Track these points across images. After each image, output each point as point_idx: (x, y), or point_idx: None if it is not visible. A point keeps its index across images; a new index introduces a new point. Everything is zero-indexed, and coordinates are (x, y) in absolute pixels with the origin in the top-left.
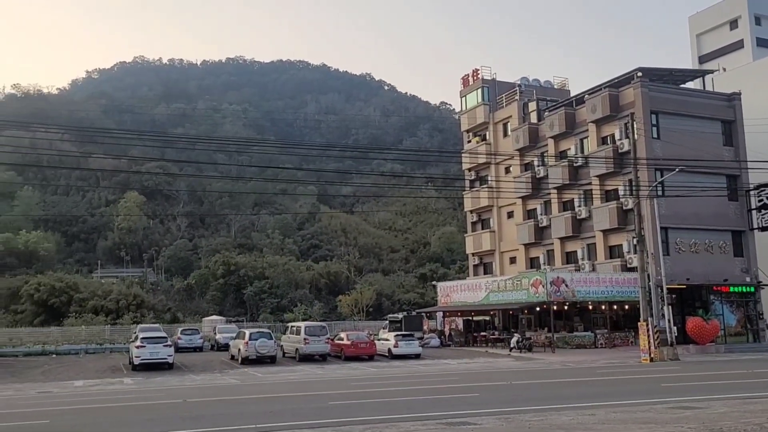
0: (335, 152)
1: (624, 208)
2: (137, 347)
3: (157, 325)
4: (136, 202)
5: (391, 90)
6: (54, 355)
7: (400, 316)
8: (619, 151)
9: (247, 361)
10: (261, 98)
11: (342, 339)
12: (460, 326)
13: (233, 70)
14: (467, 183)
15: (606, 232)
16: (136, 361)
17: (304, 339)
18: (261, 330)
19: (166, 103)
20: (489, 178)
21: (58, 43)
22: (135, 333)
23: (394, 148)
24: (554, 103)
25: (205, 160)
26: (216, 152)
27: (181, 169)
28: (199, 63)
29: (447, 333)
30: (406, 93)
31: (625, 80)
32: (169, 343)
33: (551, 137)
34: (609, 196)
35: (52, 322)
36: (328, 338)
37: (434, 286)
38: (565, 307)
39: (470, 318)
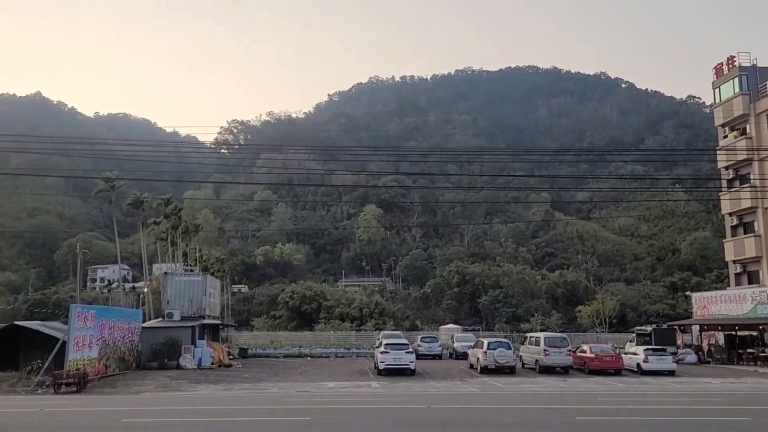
0: (569, 156)
1: None
2: (381, 353)
3: (398, 332)
4: (374, 214)
5: (629, 87)
6: (308, 358)
7: (648, 328)
8: None
9: (486, 371)
10: (490, 106)
11: (585, 351)
12: (721, 341)
13: (462, 81)
14: (724, 183)
15: None
16: (381, 366)
17: (545, 350)
18: (499, 340)
19: (399, 118)
20: (751, 176)
21: (305, 72)
22: (379, 339)
23: (635, 148)
24: None
25: (437, 172)
26: (447, 163)
27: (415, 181)
28: (429, 77)
29: (705, 349)
30: (647, 89)
31: None
32: (410, 349)
33: None
34: None
35: (304, 326)
36: (570, 350)
37: (687, 297)
38: None
39: (733, 332)
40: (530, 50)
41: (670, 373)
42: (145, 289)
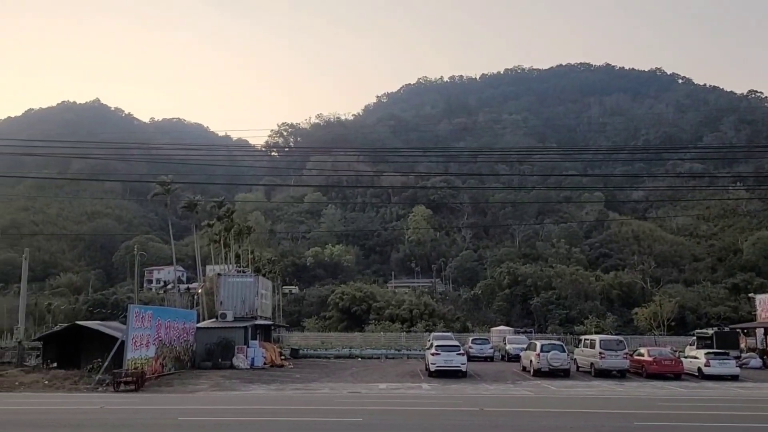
0: (623, 155)
1: None
2: (432, 354)
3: (449, 333)
4: (424, 215)
5: (687, 83)
6: (359, 359)
7: (710, 331)
8: None
9: (539, 373)
10: (541, 105)
11: (642, 355)
12: None
13: (511, 80)
14: None
15: None
16: (432, 368)
17: (600, 353)
18: (553, 342)
19: (448, 118)
20: None
21: (353, 74)
22: (430, 341)
23: (693, 146)
24: None
25: (487, 172)
26: (497, 163)
27: (464, 181)
28: (478, 77)
29: None
30: (705, 84)
31: None
32: (462, 351)
33: None
34: None
35: (354, 327)
36: (626, 353)
37: (750, 299)
38: None
39: None
40: (582, 47)
41: (734, 377)
42: (199, 290)
